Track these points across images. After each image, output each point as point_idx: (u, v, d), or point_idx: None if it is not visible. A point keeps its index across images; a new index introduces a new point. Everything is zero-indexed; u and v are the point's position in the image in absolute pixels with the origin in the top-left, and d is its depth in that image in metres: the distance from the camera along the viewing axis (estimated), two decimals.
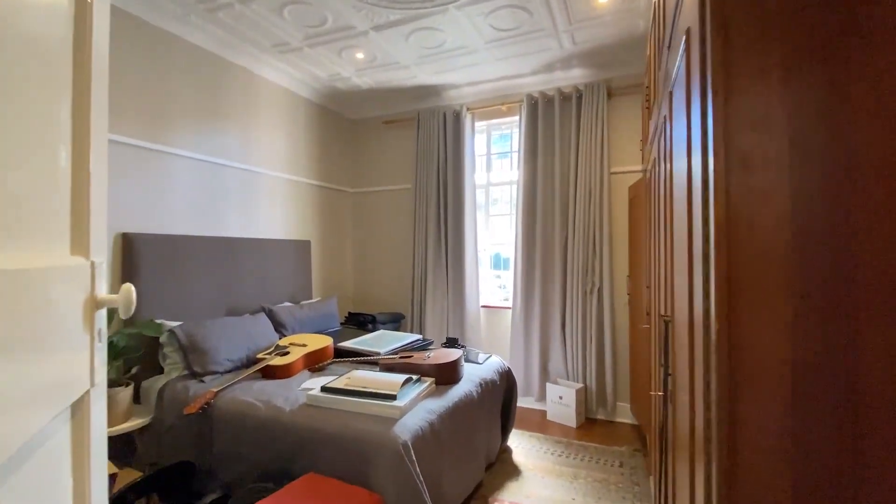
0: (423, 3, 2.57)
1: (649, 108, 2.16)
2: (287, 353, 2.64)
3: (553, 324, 3.46)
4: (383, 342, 2.88)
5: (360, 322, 3.67)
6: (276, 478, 1.88)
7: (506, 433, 2.81)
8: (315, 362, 2.68)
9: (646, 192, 2.68)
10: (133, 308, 0.71)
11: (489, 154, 4.01)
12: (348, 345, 2.82)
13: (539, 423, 3.28)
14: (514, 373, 2.96)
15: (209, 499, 1.84)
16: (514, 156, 3.92)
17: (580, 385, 3.31)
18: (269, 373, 2.47)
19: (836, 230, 0.54)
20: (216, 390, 2.20)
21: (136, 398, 2.46)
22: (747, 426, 0.59)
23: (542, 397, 3.47)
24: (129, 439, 2.35)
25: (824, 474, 0.53)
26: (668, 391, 1.14)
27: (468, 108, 3.81)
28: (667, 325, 1.14)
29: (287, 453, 1.89)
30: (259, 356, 2.62)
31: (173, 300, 2.69)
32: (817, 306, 0.55)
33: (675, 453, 1.03)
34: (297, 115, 3.75)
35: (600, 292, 3.32)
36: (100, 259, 0.72)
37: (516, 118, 3.77)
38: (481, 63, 3.36)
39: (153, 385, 2.43)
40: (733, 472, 0.60)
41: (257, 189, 3.34)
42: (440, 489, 1.92)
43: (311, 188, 3.92)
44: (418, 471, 1.72)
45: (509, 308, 3.72)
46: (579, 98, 3.43)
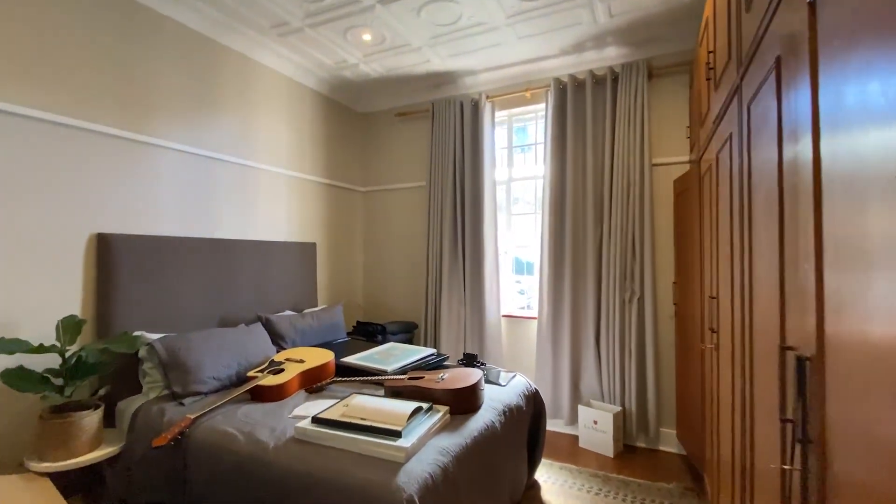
0: None
1: (715, 82, 1.76)
2: (282, 370, 2.31)
3: (585, 337, 3.04)
4: (392, 358, 2.52)
5: (369, 332, 3.32)
6: None
7: (533, 466, 2.41)
8: (313, 381, 2.34)
9: (699, 186, 2.26)
10: None
11: (511, 147, 3.63)
12: (352, 361, 2.47)
13: (570, 451, 2.87)
14: (540, 393, 2.56)
15: None
16: (539, 148, 3.52)
17: (618, 408, 2.88)
18: (260, 394, 2.14)
19: None
20: (193, 417, 1.87)
21: (111, 421, 2.16)
22: None
23: (572, 420, 3.05)
24: (98, 471, 2.04)
25: None
26: (806, 457, 0.74)
27: (487, 97, 3.44)
28: (800, 362, 0.75)
29: (268, 502, 1.54)
30: (250, 374, 2.30)
31: (157, 310, 2.39)
32: None
33: None
34: (302, 106, 3.45)
35: (641, 302, 2.89)
36: None
37: (541, 106, 3.38)
38: (502, 43, 2.98)
39: (129, 407, 2.12)
40: None
41: (255, 186, 3.03)
42: None
43: (318, 186, 3.61)
44: None
45: (534, 318, 3.32)
46: (615, 81, 3.02)
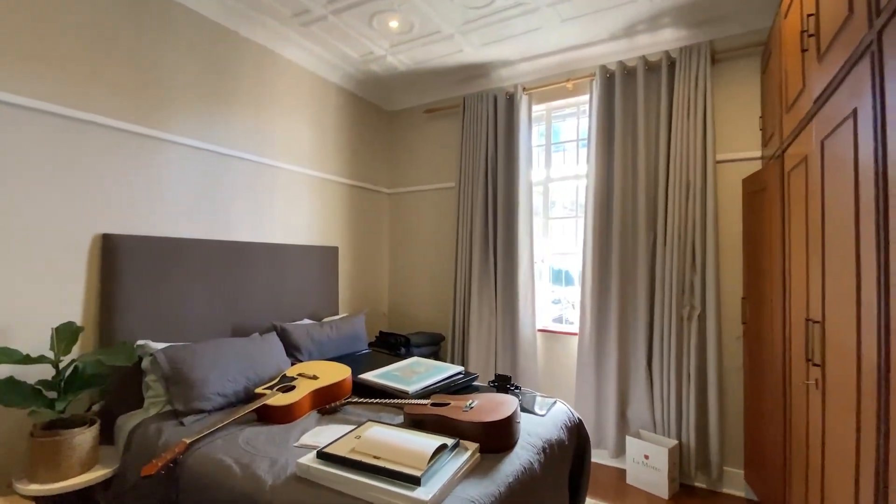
0: None
1: (818, 52, 1.40)
2: (292, 387, 2.08)
3: (635, 358, 2.67)
4: (415, 376, 2.25)
5: (392, 345, 3.07)
6: None
7: None
8: (326, 400, 2.10)
9: (782, 184, 1.88)
10: None
11: (549, 144, 3.31)
12: (370, 378, 2.22)
13: (617, 489, 2.50)
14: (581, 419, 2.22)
15: None
16: (581, 145, 3.19)
17: (673, 442, 2.50)
18: (267, 414, 1.91)
19: None
20: (189, 441, 1.66)
21: (110, 438, 1.99)
22: None
23: (618, 452, 2.68)
24: (91, 495, 1.86)
25: None
26: None
27: (524, 89, 3.14)
28: None
29: None
30: (258, 390, 2.08)
31: (164, 317, 2.22)
32: None
33: None
34: (326, 103, 3.26)
35: (702, 319, 2.50)
36: None
37: (584, 98, 3.05)
38: (543, 27, 2.69)
39: (127, 424, 1.94)
40: None
41: (272, 186, 2.85)
42: None
43: (342, 187, 3.41)
44: None
45: (574, 334, 2.98)
46: (671, 67, 2.66)
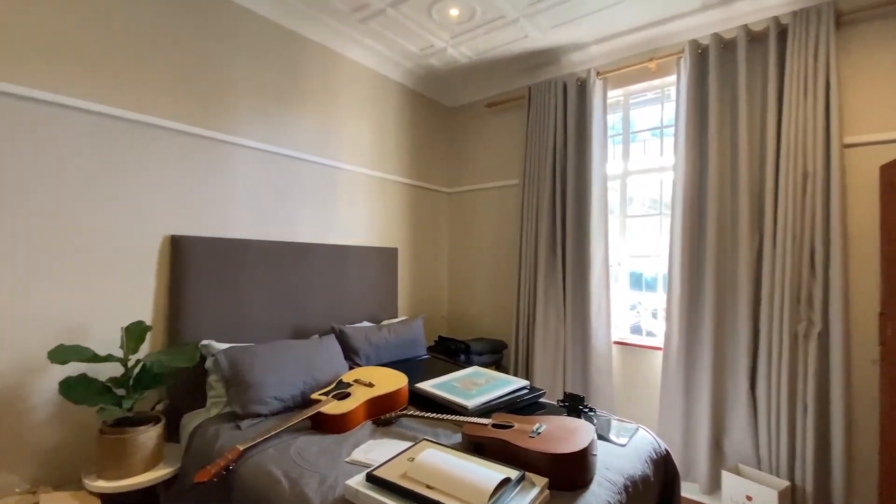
0: None
1: None
2: (347, 394, 1.99)
3: (734, 380, 2.28)
4: (475, 388, 2.07)
5: (451, 351, 2.91)
6: None
7: None
8: (382, 410, 1.98)
9: None
10: None
11: (627, 133, 2.97)
12: (427, 389, 2.07)
13: None
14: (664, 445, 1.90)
15: None
16: (666, 133, 2.82)
17: (784, 482, 2.08)
18: (321, 423, 1.83)
19: None
20: (242, 448, 1.61)
21: (176, 436, 2.02)
22: None
23: (712, 489, 2.30)
24: (155, 493, 1.90)
25: None
26: None
27: (598, 73, 2.84)
28: None
29: None
30: (314, 396, 2.01)
31: (228, 317, 2.23)
32: None
33: None
34: (386, 101, 3.19)
35: (824, 337, 2.07)
36: None
37: (671, 78, 2.69)
38: (620, 1, 2.39)
39: (190, 423, 1.96)
40: None
41: (335, 187, 2.82)
42: None
43: (401, 187, 3.32)
44: None
45: (658, 349, 2.63)
46: (781, 35, 2.24)
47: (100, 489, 1.63)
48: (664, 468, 1.77)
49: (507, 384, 2.11)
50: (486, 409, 1.88)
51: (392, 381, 2.11)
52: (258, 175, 2.42)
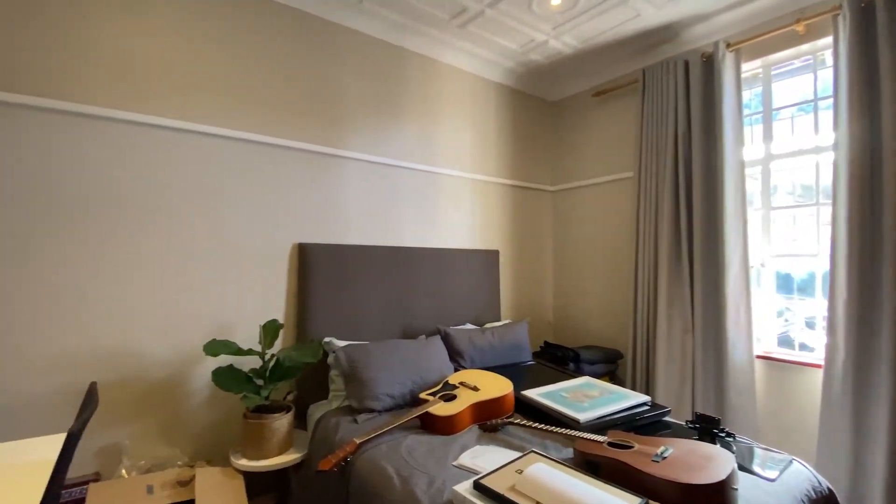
0: None
1: None
2: (454, 396, 2.00)
3: None
4: (587, 400, 1.93)
5: (559, 358, 2.77)
6: None
7: None
8: (487, 415, 1.95)
9: None
10: None
11: (768, 111, 2.53)
12: (534, 397, 1.98)
13: None
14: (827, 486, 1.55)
15: None
16: (822, 107, 2.34)
17: None
18: (429, 423, 1.87)
19: None
20: (358, 442, 1.70)
21: (303, 424, 2.24)
22: None
23: None
24: (286, 475, 2.11)
25: None
26: None
27: (728, 45, 2.47)
28: None
29: None
30: (422, 395, 2.07)
31: (345, 317, 2.41)
32: None
33: None
34: (486, 103, 3.17)
35: None
36: None
37: (825, 41, 2.23)
38: None
39: (315, 413, 2.15)
40: None
41: (437, 192, 2.88)
42: None
43: (502, 189, 3.27)
44: None
45: (817, 366, 2.18)
46: None
47: (243, 467, 1.86)
48: None
49: (624, 398, 1.92)
50: (600, 425, 1.74)
51: (498, 386, 2.07)
52: (366, 184, 2.57)
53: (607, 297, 3.17)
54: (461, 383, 2.13)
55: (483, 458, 1.57)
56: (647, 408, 1.88)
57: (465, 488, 1.29)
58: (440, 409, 1.88)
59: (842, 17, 2.05)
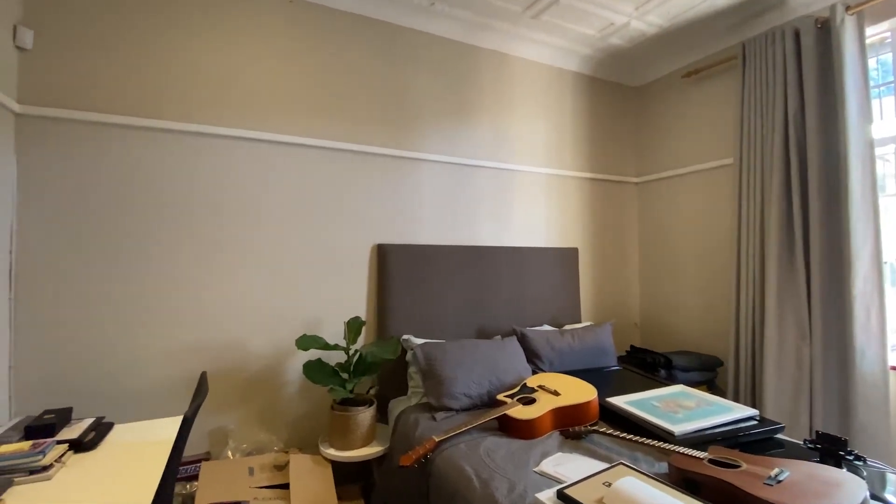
0: None
1: None
2: (533, 400, 1.94)
3: None
4: (682, 411, 1.76)
5: (648, 364, 2.58)
6: None
7: None
8: (569, 422, 1.86)
9: None
10: None
11: None
12: (622, 405, 1.86)
13: None
14: None
15: None
16: None
17: None
18: (507, 425, 1.83)
19: None
20: (438, 440, 1.72)
21: (384, 418, 2.31)
22: None
23: None
24: (370, 466, 2.19)
25: None
26: None
27: (847, 7, 2.12)
28: None
29: None
30: (499, 397, 2.03)
31: (421, 316, 2.46)
32: None
33: None
34: (562, 95, 3.05)
35: None
36: None
37: None
38: None
39: (395, 408, 2.21)
40: None
41: (511, 189, 2.82)
42: None
43: (580, 183, 3.12)
44: None
45: None
46: None
47: (331, 456, 1.97)
48: None
49: (727, 411, 1.73)
50: (697, 439, 1.57)
51: (580, 391, 1.97)
52: (441, 184, 2.59)
53: (703, 298, 2.89)
54: (540, 387, 2.06)
55: (566, 466, 1.50)
56: (755, 423, 1.67)
57: (548, 497, 1.24)
58: (519, 412, 1.84)
59: None
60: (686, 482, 1.29)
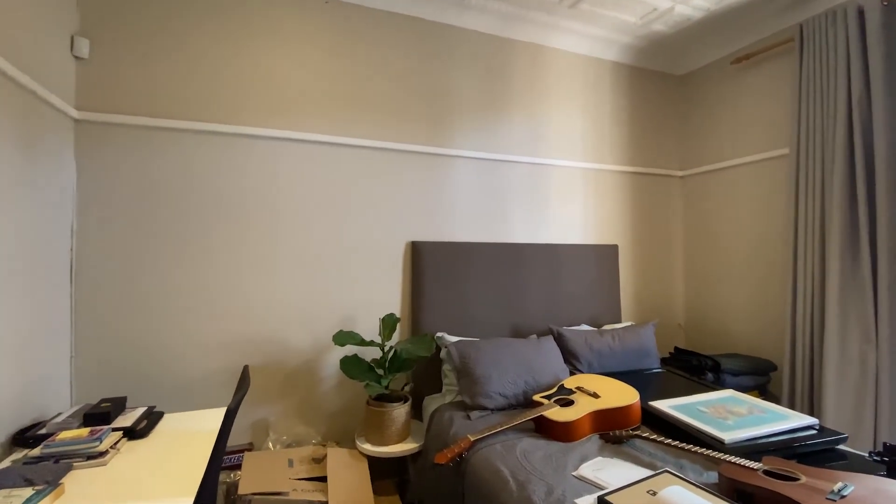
0: None
1: None
2: (571, 402, 1.89)
3: None
4: (732, 418, 1.66)
5: (694, 367, 2.45)
6: None
7: None
8: (609, 425, 1.80)
9: None
10: None
11: None
12: (667, 409, 1.78)
13: None
14: None
15: None
16: None
17: None
18: (545, 427, 1.79)
19: None
20: (473, 439, 1.70)
21: (418, 415, 2.32)
22: None
23: None
24: (405, 463, 2.20)
25: None
26: None
27: None
28: None
29: None
30: (536, 398, 1.99)
31: (455, 313, 2.44)
32: None
33: None
34: (599, 85, 2.95)
35: None
36: None
37: None
38: None
39: (430, 405, 2.21)
40: None
41: (547, 185, 2.75)
42: None
43: (621, 177, 3.01)
44: None
45: None
46: None
47: (367, 451, 1.99)
48: None
49: (782, 419, 1.62)
50: (749, 448, 1.48)
51: (621, 394, 1.90)
52: (475, 181, 2.56)
53: (754, 297, 2.72)
54: (578, 388, 2.00)
55: (607, 471, 1.45)
56: (814, 432, 1.56)
57: (588, 503, 1.20)
58: (557, 413, 1.79)
59: None
60: (738, 494, 1.21)
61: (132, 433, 1.43)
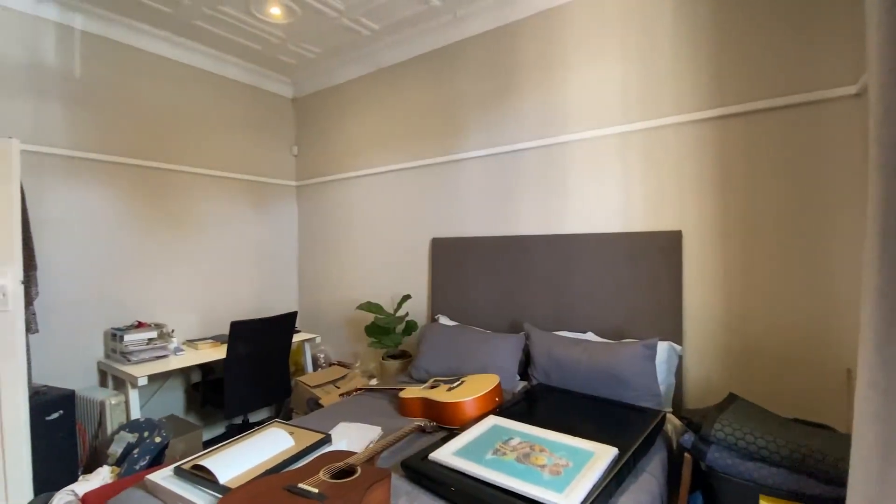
0: None
1: None
2: (436, 386, 2.00)
3: None
4: (556, 468, 1.35)
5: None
6: None
7: None
8: (436, 417, 1.83)
9: None
10: None
11: None
12: (448, 460, 1.59)
13: None
14: None
15: None
16: None
17: None
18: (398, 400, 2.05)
19: None
20: (361, 388, 2.27)
21: None
22: None
23: None
24: None
25: None
26: None
27: None
28: None
29: None
30: (432, 380, 2.15)
31: (458, 302, 2.72)
32: None
33: None
34: (652, 18, 2.10)
35: None
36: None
37: None
38: None
39: None
40: None
41: (565, 165, 2.38)
42: None
43: (694, 129, 2.00)
44: None
45: None
46: None
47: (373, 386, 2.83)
48: None
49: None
50: None
51: (464, 395, 1.81)
52: (484, 177, 2.67)
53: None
54: (462, 382, 2.00)
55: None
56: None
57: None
58: (411, 392, 2.01)
59: None
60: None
61: None
